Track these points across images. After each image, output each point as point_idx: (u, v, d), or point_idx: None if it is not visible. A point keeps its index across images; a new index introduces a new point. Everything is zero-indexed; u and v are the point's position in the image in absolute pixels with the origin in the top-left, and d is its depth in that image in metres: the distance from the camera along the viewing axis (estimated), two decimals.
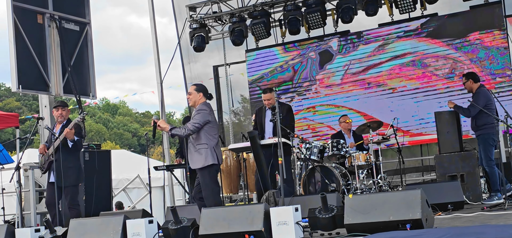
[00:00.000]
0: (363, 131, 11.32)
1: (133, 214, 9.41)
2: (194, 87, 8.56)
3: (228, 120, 16.03)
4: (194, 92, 8.47)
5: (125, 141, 57.28)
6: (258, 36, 14.20)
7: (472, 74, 10.52)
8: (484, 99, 9.97)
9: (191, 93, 8.49)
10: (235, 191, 12.00)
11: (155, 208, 10.91)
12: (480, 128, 9.98)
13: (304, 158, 10.84)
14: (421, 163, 13.64)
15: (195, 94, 8.46)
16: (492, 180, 9.74)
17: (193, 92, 8.47)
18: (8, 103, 53.32)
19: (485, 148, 9.92)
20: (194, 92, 8.47)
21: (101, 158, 11.51)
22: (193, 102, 8.49)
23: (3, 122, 13.03)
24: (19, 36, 10.91)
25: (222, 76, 15.98)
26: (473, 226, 5.86)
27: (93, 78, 12.44)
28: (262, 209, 6.95)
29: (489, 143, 9.89)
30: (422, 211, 6.13)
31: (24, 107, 53.86)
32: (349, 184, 10.54)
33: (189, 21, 14.91)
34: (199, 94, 8.47)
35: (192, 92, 8.49)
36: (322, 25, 13.71)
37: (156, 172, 12.01)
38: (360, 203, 6.56)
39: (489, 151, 9.87)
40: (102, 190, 11.43)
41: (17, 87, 10.78)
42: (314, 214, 6.96)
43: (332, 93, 14.20)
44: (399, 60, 13.56)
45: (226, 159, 11.76)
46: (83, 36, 12.34)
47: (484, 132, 9.93)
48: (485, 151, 9.89)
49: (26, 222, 10.97)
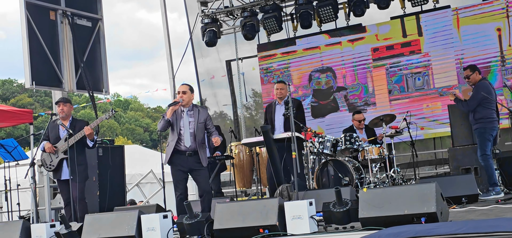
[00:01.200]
0: (376, 125, 11.30)
1: (147, 209, 9.43)
2: (187, 87, 8.70)
3: (242, 114, 16.03)
4: (189, 92, 8.65)
5: (136, 136, 57.41)
6: (269, 30, 14.18)
7: (474, 66, 10.31)
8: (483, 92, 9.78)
9: (186, 92, 8.62)
10: (249, 186, 12.02)
11: (169, 203, 10.93)
12: (477, 121, 9.86)
13: (317, 152, 10.84)
14: (434, 156, 13.59)
15: (189, 94, 8.65)
16: (488, 174, 9.59)
17: (188, 92, 8.64)
18: (21, 99, 53.56)
19: (481, 141, 9.78)
20: (189, 92, 8.65)
21: (114, 153, 11.54)
22: (187, 101, 8.61)
23: (17, 118, 13.09)
24: (32, 32, 10.98)
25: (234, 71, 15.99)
26: (489, 219, 5.85)
27: (105, 73, 12.49)
28: (277, 203, 6.96)
29: (485, 137, 9.72)
30: (437, 205, 6.11)
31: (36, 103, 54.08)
32: (362, 177, 10.53)
33: (201, 16, 14.92)
34: (192, 94, 8.71)
35: (187, 91, 8.63)
36: (334, 19, 13.68)
37: (168, 167, 12.01)
38: (375, 197, 6.55)
39: (485, 144, 9.72)
40: (115, 185, 11.47)
41: (31, 84, 10.84)
42: (328, 208, 6.96)
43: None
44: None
45: (239, 153, 11.77)
46: (96, 32, 12.40)
47: (480, 126, 9.80)
48: (481, 145, 9.74)
49: (41, 218, 11.03)
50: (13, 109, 13.67)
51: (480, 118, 9.80)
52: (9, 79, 60.70)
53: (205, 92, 16.58)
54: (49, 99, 52.26)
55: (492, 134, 9.78)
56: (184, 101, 8.56)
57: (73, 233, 8.18)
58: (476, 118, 9.85)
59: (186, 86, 8.69)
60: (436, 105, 13.22)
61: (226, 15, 15.06)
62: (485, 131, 9.75)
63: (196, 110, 8.61)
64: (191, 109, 8.61)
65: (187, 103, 8.59)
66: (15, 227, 8.62)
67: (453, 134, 10.57)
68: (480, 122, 9.81)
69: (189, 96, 8.60)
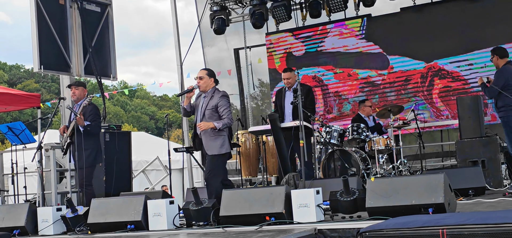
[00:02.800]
0: (383, 116, 11.28)
1: (154, 195, 9.44)
2: (205, 71, 8.56)
3: (248, 104, 16.02)
4: (206, 77, 8.47)
5: (142, 123, 57.51)
6: (278, 19, 14.13)
7: (499, 49, 9.92)
8: (504, 77, 9.45)
9: (202, 77, 8.46)
10: (254, 174, 12.02)
11: (174, 190, 10.97)
12: (500, 109, 9.52)
13: (324, 142, 10.83)
14: (441, 148, 13.57)
15: (207, 79, 8.47)
16: None
17: (205, 77, 8.47)
18: (27, 84, 53.64)
19: (506, 132, 9.56)
20: (206, 77, 8.47)
21: (121, 139, 11.55)
22: (204, 86, 8.46)
23: (25, 102, 13.12)
24: (41, 17, 10.98)
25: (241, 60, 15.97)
26: (497, 211, 5.82)
27: (113, 59, 12.50)
28: (283, 191, 6.96)
29: (510, 126, 9.48)
30: (445, 196, 6.10)
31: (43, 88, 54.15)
32: (369, 168, 10.52)
33: (210, 3, 14.88)
34: (210, 79, 8.50)
35: (204, 76, 8.47)
36: (343, 9, 13.63)
37: (174, 154, 12.05)
38: (382, 187, 6.54)
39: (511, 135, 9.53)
40: (122, 170, 11.47)
41: (39, 68, 10.86)
42: (335, 197, 6.95)
43: None
44: None
45: (246, 142, 11.77)
46: (104, 17, 12.39)
47: (503, 115, 9.52)
48: (507, 135, 9.54)
49: (47, 202, 11.04)
50: (21, 93, 13.72)
51: (502, 106, 9.50)
52: (16, 64, 60.85)
53: None
54: (55, 85, 52.36)
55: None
56: (201, 87, 8.46)
57: (79, 217, 8.20)
58: (498, 106, 9.54)
59: (203, 71, 8.55)
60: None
61: (235, 3, 15.02)
62: (509, 120, 9.46)
63: (210, 95, 8.42)
64: (207, 95, 8.45)
65: (204, 89, 8.46)
66: (22, 210, 8.66)
67: (460, 127, 10.52)
68: (502, 111, 9.50)
69: (206, 82, 8.44)
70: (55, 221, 8.36)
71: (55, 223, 8.37)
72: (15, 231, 8.46)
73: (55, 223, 8.36)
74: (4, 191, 12.75)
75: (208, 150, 8.34)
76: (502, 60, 9.68)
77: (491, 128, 10.98)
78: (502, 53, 9.76)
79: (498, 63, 9.69)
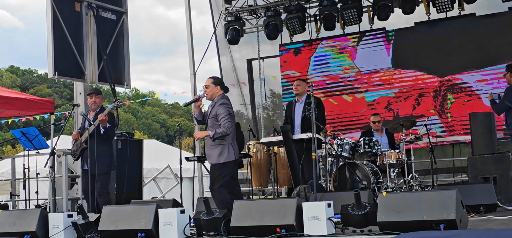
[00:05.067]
0: (395, 130, 11.26)
1: (164, 203, 9.46)
2: (211, 80, 8.50)
3: (260, 114, 16.03)
4: (212, 85, 8.43)
5: (153, 131, 57.60)
6: (292, 30, 14.17)
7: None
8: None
9: (208, 86, 8.44)
10: (265, 185, 12.03)
11: (184, 199, 10.98)
12: (510, 126, 9.63)
13: (335, 155, 10.83)
14: (452, 164, 13.53)
15: (213, 87, 8.43)
16: None
17: (211, 85, 8.43)
18: (40, 89, 53.86)
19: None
20: (212, 85, 8.43)
21: (133, 147, 11.59)
22: (210, 95, 8.43)
23: (39, 108, 13.16)
24: (57, 23, 11.04)
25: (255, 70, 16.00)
26: (509, 228, 5.80)
27: (127, 67, 12.55)
28: (295, 203, 6.95)
29: None
30: (456, 212, 6.08)
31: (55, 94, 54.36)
32: (380, 182, 10.50)
33: (225, 13, 14.94)
34: (216, 87, 8.44)
35: (209, 85, 8.44)
36: (357, 22, 13.65)
37: (185, 163, 12.07)
38: (394, 201, 6.53)
39: None
40: (133, 178, 11.51)
41: (53, 74, 10.90)
42: (346, 211, 6.95)
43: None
44: None
45: (257, 152, 11.79)
46: (119, 25, 12.45)
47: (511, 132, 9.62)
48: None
49: (58, 208, 11.08)
50: (34, 98, 13.76)
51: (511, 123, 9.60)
52: (29, 69, 61.15)
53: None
54: (67, 90, 52.55)
55: None
56: (207, 96, 8.45)
57: (90, 223, 8.22)
58: (508, 123, 9.64)
59: (209, 80, 8.50)
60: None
61: (249, 14, 15.07)
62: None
63: (214, 103, 8.39)
64: (213, 103, 8.44)
65: (210, 97, 8.45)
66: (33, 215, 8.67)
67: (473, 142, 10.50)
68: (511, 128, 9.59)
69: (211, 90, 8.41)
70: (66, 227, 8.38)
71: (66, 229, 8.38)
72: (26, 237, 8.47)
73: (66, 229, 8.38)
74: (15, 195, 12.81)
75: (208, 159, 8.38)
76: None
77: (503, 145, 10.94)
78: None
79: (511, 80, 9.68)
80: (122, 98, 50.99)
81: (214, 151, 8.28)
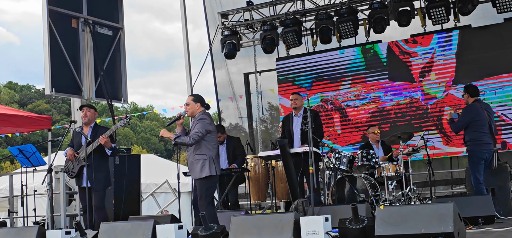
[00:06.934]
0: (393, 142, 11.27)
1: (162, 219, 9.45)
2: (191, 97, 8.62)
3: (258, 128, 16.04)
4: (192, 103, 8.53)
5: (152, 145, 57.61)
6: (289, 44, 14.19)
7: (470, 87, 10.38)
8: (470, 114, 9.90)
9: (188, 103, 8.55)
10: (263, 199, 12.01)
11: (182, 214, 10.96)
12: (466, 144, 9.96)
13: (333, 168, 10.83)
14: (450, 175, 13.54)
15: (193, 105, 8.53)
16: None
17: (191, 103, 8.53)
18: (38, 105, 53.92)
19: (470, 165, 9.89)
20: (192, 103, 8.53)
21: (131, 162, 11.58)
22: (190, 112, 8.53)
23: (36, 124, 13.18)
24: (53, 39, 11.05)
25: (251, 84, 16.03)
26: None
27: (124, 82, 12.56)
28: (292, 218, 6.96)
29: (474, 161, 9.77)
30: (454, 225, 6.09)
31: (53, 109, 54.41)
32: (378, 195, 10.50)
33: (221, 28, 14.97)
34: (196, 104, 8.53)
35: (189, 102, 8.54)
36: (354, 35, 13.67)
37: (183, 177, 12.07)
38: (391, 215, 6.54)
39: (475, 169, 9.75)
40: (131, 194, 11.49)
41: (51, 90, 10.90)
42: (344, 225, 6.95)
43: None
44: None
45: (255, 166, 11.77)
46: (116, 41, 12.47)
47: (469, 149, 9.89)
48: (471, 169, 9.83)
49: (56, 224, 11.07)
50: (32, 115, 13.79)
51: (468, 141, 9.91)
52: (27, 84, 61.22)
53: (223, 104, 16.62)
54: (66, 105, 52.59)
55: (482, 157, 9.77)
56: (188, 113, 8.54)
57: None
58: (465, 141, 9.98)
59: (189, 98, 8.63)
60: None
61: (245, 28, 15.09)
62: (473, 154, 9.81)
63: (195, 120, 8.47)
64: (194, 120, 8.52)
65: (191, 114, 8.54)
66: (31, 232, 8.68)
67: None
68: (468, 145, 9.91)
69: (191, 107, 8.51)
70: None
71: None
72: None
73: None
74: (13, 212, 12.79)
75: (191, 174, 8.46)
76: (471, 98, 10.14)
77: (501, 157, 10.93)
78: (473, 92, 10.21)
79: (468, 100, 10.17)
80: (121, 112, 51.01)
81: (196, 166, 8.34)
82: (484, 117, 9.89)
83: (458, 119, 10.08)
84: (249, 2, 14.75)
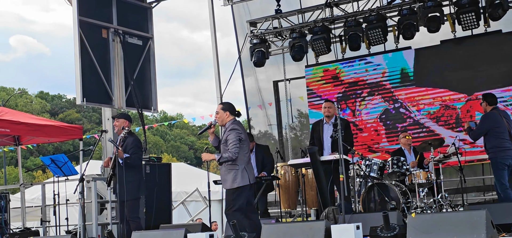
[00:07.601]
0: (424, 149, 11.18)
1: (193, 227, 9.49)
2: (220, 106, 8.60)
3: (287, 135, 16.03)
4: (221, 111, 8.51)
5: (181, 153, 57.88)
6: (318, 51, 14.17)
7: (488, 96, 10.40)
8: (488, 123, 9.98)
9: (218, 112, 8.54)
10: (294, 207, 11.98)
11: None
12: (488, 151, 10.01)
13: (364, 175, 10.79)
14: (482, 182, 13.40)
15: (222, 114, 8.50)
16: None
17: (220, 111, 8.51)
18: (69, 114, 54.52)
19: (494, 172, 9.93)
20: (221, 111, 8.51)
21: (161, 171, 11.64)
22: (220, 121, 8.51)
23: (68, 134, 13.31)
24: (84, 50, 11.18)
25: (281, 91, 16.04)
26: None
27: (154, 92, 12.64)
28: (323, 226, 6.95)
29: (498, 167, 9.82)
30: (486, 232, 6.04)
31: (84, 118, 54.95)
32: (409, 202, 10.42)
33: (250, 36, 15.00)
34: (225, 113, 8.50)
35: (219, 111, 8.53)
36: (383, 41, 13.60)
37: (214, 185, 12.11)
38: (423, 223, 6.50)
39: (500, 175, 9.79)
40: (162, 202, 11.54)
41: (82, 100, 11.01)
42: (375, 233, 6.93)
43: None
44: None
45: (285, 174, 11.76)
46: (146, 50, 12.57)
47: (492, 156, 9.94)
48: (496, 176, 9.86)
49: (88, 233, 11.17)
50: (63, 125, 13.92)
51: (490, 148, 9.97)
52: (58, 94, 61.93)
53: (252, 111, 16.64)
54: (96, 115, 53.08)
55: (505, 163, 9.83)
56: (218, 122, 8.54)
57: None
58: (487, 148, 10.06)
59: (218, 106, 8.63)
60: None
61: (274, 36, 15.09)
62: (496, 161, 9.87)
63: (226, 129, 8.45)
64: (224, 129, 8.50)
65: (221, 123, 8.53)
66: None
67: None
68: (490, 152, 9.98)
69: (221, 116, 8.49)
70: None
71: None
72: None
73: None
74: (46, 221, 12.92)
75: (223, 184, 8.41)
76: (489, 107, 10.23)
77: None
78: (491, 100, 10.29)
79: (486, 108, 10.26)
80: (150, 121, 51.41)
81: (228, 176, 8.29)
82: (503, 124, 9.96)
83: (476, 127, 10.18)
84: (278, 10, 14.75)
